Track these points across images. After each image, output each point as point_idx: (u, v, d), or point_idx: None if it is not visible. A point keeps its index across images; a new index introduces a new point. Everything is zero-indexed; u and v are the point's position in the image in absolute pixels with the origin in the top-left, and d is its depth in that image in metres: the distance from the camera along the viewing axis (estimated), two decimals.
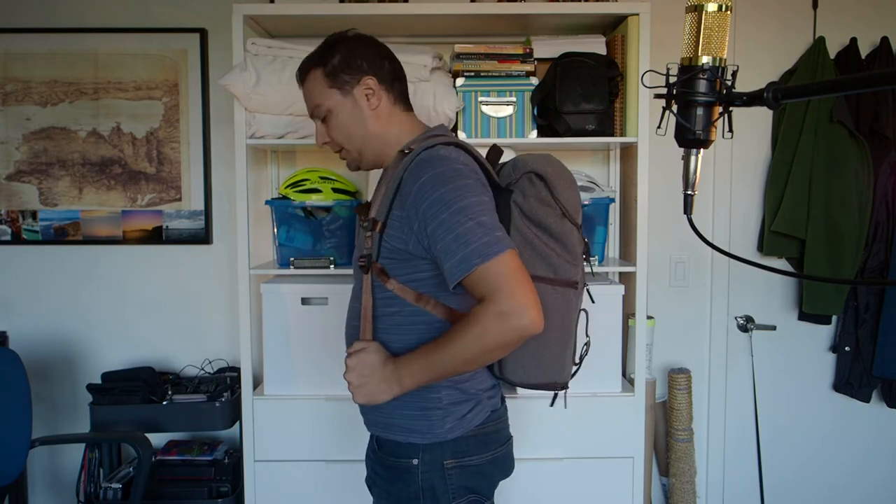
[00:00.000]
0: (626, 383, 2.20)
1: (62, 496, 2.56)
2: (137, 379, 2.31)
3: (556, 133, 2.12)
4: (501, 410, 1.42)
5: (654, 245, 2.46)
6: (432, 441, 1.30)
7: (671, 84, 0.97)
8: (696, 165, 1.00)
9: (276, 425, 2.10)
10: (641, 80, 1.99)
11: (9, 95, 2.46)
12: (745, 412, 2.56)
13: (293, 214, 2.18)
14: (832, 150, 2.36)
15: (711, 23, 0.93)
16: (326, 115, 1.39)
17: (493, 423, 1.37)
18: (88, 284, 2.52)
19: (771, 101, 0.88)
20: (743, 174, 2.53)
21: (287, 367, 2.11)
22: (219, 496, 2.26)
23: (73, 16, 2.45)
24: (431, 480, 1.30)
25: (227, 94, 2.23)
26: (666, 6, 2.23)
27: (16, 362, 2.04)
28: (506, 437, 1.43)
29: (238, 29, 2.05)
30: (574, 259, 1.36)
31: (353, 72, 1.35)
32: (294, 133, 2.11)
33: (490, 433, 1.36)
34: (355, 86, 1.35)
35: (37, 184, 2.49)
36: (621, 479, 2.11)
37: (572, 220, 1.34)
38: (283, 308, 2.10)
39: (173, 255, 2.52)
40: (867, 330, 2.44)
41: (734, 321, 2.56)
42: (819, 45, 2.41)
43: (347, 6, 2.11)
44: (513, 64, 2.15)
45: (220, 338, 2.53)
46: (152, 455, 2.17)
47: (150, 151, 2.48)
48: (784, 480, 2.61)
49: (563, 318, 1.36)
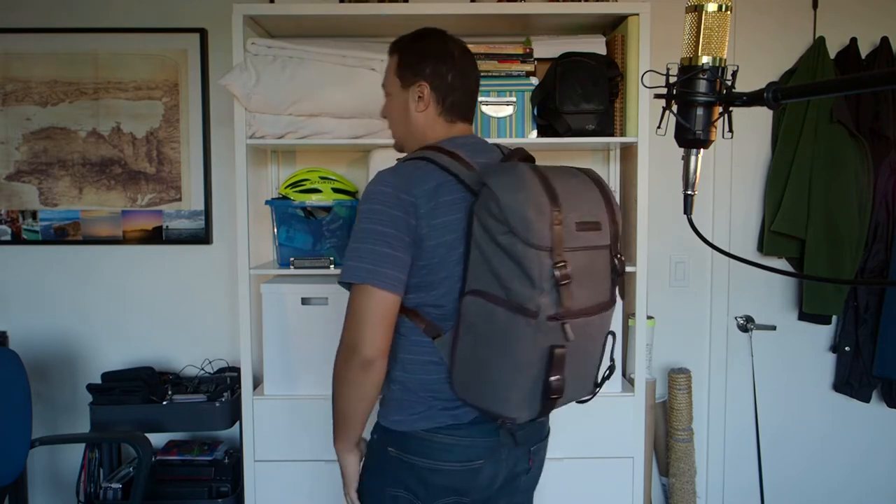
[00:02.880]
0: (626, 383, 2.20)
1: (62, 496, 2.56)
2: (137, 379, 2.31)
3: (556, 133, 2.12)
4: (470, 431, 1.35)
5: (654, 245, 2.46)
6: (385, 425, 1.38)
7: (671, 84, 0.97)
8: (696, 165, 1.00)
9: (276, 425, 2.10)
10: (641, 80, 1.99)
11: (9, 95, 2.46)
12: (745, 412, 2.57)
13: (293, 214, 2.18)
14: (832, 150, 2.36)
15: (711, 23, 0.93)
16: (387, 95, 1.49)
17: (450, 437, 1.34)
18: (88, 284, 2.52)
19: (771, 101, 0.88)
20: (743, 174, 2.53)
21: (287, 367, 2.11)
22: (219, 496, 2.26)
23: (73, 16, 2.45)
24: (377, 459, 1.39)
25: (227, 94, 2.23)
26: (666, 6, 2.23)
27: (16, 362, 2.04)
28: (465, 458, 1.35)
29: (238, 29, 2.05)
30: (532, 284, 1.21)
31: (415, 73, 1.42)
32: (294, 133, 2.11)
33: (442, 444, 1.34)
34: (411, 86, 1.43)
35: (37, 184, 2.49)
36: (621, 479, 2.11)
37: (524, 240, 1.20)
38: (283, 308, 2.10)
39: (173, 255, 2.52)
40: (867, 330, 2.44)
41: (734, 321, 2.56)
42: (819, 45, 2.41)
43: (347, 6, 2.11)
44: (513, 64, 2.16)
45: (220, 338, 2.53)
46: (152, 455, 2.17)
47: (150, 151, 2.48)
48: (784, 480, 2.62)
49: (507, 345, 1.24)
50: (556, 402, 1.30)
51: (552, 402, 1.29)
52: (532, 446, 1.43)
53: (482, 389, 1.28)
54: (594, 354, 1.35)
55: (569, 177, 1.31)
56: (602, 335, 1.36)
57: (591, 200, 1.31)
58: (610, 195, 1.34)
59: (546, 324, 1.23)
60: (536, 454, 1.46)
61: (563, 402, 1.34)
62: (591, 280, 1.29)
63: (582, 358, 1.32)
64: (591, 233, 1.28)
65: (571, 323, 1.25)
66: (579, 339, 1.27)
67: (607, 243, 1.31)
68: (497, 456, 1.37)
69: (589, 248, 1.28)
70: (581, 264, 1.26)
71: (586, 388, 1.37)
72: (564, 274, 1.22)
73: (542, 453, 1.49)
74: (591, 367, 1.36)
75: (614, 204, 1.34)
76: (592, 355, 1.35)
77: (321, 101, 2.06)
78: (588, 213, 1.28)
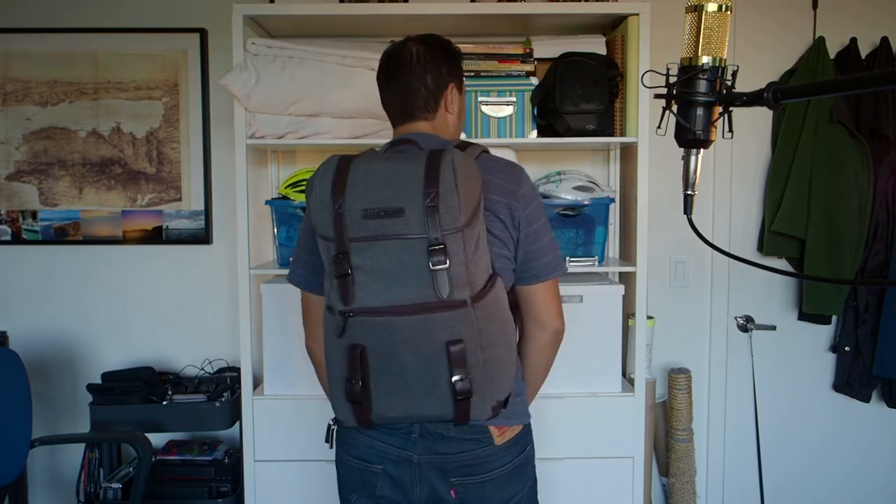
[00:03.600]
0: (626, 383, 2.20)
1: (62, 496, 2.56)
2: (137, 379, 2.31)
3: (556, 133, 2.12)
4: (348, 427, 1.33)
5: (654, 245, 2.46)
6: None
7: (671, 84, 0.97)
8: (696, 165, 1.00)
9: (276, 425, 2.10)
10: (641, 80, 1.99)
11: (9, 95, 2.46)
12: (745, 412, 2.57)
13: (293, 214, 2.18)
14: (832, 150, 2.36)
15: (711, 23, 0.93)
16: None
17: (341, 426, 1.35)
18: (88, 284, 2.52)
19: (771, 101, 0.88)
20: (743, 174, 2.53)
21: (287, 367, 2.11)
22: (219, 496, 2.26)
23: (73, 16, 2.45)
24: None
25: (227, 94, 2.23)
26: (666, 6, 2.23)
27: (16, 362, 2.04)
28: (358, 456, 1.35)
29: (238, 29, 2.05)
30: (328, 276, 1.20)
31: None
32: (294, 133, 2.11)
33: (339, 431, 1.38)
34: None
35: (37, 184, 2.49)
36: (621, 479, 2.11)
37: (317, 230, 1.21)
38: (283, 308, 2.10)
39: (173, 255, 2.52)
40: (867, 330, 2.44)
41: (734, 321, 2.56)
42: (819, 45, 2.41)
43: (347, 6, 2.11)
44: (513, 64, 2.16)
45: (220, 338, 2.53)
46: (152, 455, 2.17)
47: (150, 151, 2.48)
48: (784, 480, 2.61)
49: (325, 340, 1.24)
50: (364, 411, 1.21)
51: (360, 409, 1.21)
52: (452, 477, 1.32)
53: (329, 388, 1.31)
54: (416, 364, 1.19)
55: (383, 161, 1.22)
56: (427, 341, 1.17)
57: (397, 185, 1.16)
58: (442, 178, 1.15)
59: (338, 319, 1.18)
60: (463, 487, 1.32)
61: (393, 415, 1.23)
62: (394, 276, 1.17)
63: (393, 365, 1.19)
64: (386, 220, 1.15)
65: (363, 321, 1.17)
66: (383, 343, 1.17)
67: (415, 233, 1.15)
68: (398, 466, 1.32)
69: (382, 238, 1.16)
70: (377, 257, 1.16)
71: (430, 405, 1.21)
72: (342, 266, 1.16)
73: (473, 490, 1.32)
74: (420, 379, 1.19)
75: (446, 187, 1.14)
76: (413, 366, 1.19)
77: (321, 101, 2.06)
78: (385, 198, 1.15)
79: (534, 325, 1.41)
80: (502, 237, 1.33)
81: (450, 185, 1.14)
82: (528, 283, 1.38)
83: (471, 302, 1.17)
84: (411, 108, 1.39)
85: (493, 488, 1.34)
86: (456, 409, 1.21)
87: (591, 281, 2.16)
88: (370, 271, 1.17)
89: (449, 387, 1.19)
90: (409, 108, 1.39)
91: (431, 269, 1.15)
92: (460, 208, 1.15)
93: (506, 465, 1.35)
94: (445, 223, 1.14)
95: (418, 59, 1.37)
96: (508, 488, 1.36)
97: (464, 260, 1.16)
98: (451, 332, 1.17)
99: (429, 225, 1.14)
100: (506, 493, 1.35)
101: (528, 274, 1.37)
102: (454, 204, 1.14)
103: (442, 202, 1.14)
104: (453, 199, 1.14)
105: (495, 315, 1.24)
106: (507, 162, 1.39)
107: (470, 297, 1.17)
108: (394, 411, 1.22)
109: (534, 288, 1.38)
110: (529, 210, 1.35)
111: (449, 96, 1.41)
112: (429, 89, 1.38)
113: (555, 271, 1.39)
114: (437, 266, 1.15)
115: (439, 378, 1.19)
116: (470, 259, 1.18)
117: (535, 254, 1.36)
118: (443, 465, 1.31)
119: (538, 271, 1.37)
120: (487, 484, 1.33)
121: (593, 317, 2.09)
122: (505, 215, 1.32)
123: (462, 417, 1.22)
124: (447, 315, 1.17)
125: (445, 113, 1.42)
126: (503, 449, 1.34)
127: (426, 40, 1.41)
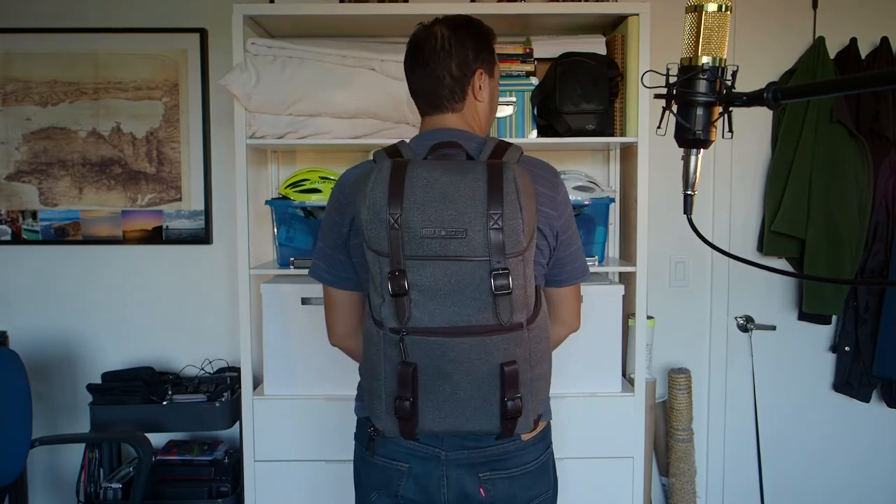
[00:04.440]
0: (626, 383, 2.20)
1: (62, 496, 2.56)
2: (137, 379, 2.31)
3: (556, 133, 2.12)
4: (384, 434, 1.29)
5: (654, 245, 2.46)
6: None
7: (671, 84, 0.97)
8: (696, 165, 1.00)
9: (276, 425, 2.10)
10: (641, 80, 1.99)
11: (9, 95, 2.46)
12: (745, 412, 2.57)
13: (293, 214, 2.18)
14: (832, 150, 2.36)
15: (711, 23, 0.93)
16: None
17: (371, 430, 1.33)
18: (88, 284, 2.52)
19: (771, 101, 0.88)
20: (743, 174, 2.53)
21: (287, 367, 2.11)
22: (219, 496, 2.26)
23: (73, 16, 2.45)
24: None
25: (227, 94, 2.23)
26: (666, 6, 2.23)
27: (16, 362, 2.04)
28: (385, 454, 1.34)
29: (238, 29, 2.05)
30: (378, 291, 1.16)
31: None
32: (294, 133, 2.11)
33: (366, 434, 1.36)
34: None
35: (37, 184, 2.49)
36: (621, 479, 2.11)
37: (367, 242, 1.15)
38: (283, 308, 2.10)
39: (173, 255, 2.52)
40: (867, 330, 2.44)
41: (734, 321, 2.56)
42: (819, 45, 2.41)
43: (347, 6, 2.11)
44: (513, 64, 2.16)
45: (220, 338, 2.53)
46: (152, 455, 2.17)
47: (150, 151, 2.48)
48: (784, 480, 2.62)
49: (368, 352, 1.23)
50: (411, 426, 1.19)
51: (407, 424, 1.19)
52: (481, 472, 1.32)
53: (365, 394, 1.30)
54: (469, 385, 1.17)
55: (440, 172, 1.14)
56: (483, 363, 1.15)
57: (458, 202, 1.11)
58: (507, 199, 1.11)
59: (391, 336, 1.16)
60: (492, 483, 1.32)
61: (439, 429, 1.21)
62: (452, 297, 1.14)
63: (445, 384, 1.17)
64: (449, 241, 1.11)
65: (418, 341, 1.15)
66: (436, 362, 1.15)
67: (477, 256, 1.12)
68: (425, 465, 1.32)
69: (443, 259, 1.12)
70: (435, 276, 1.13)
71: (476, 420, 1.20)
72: (400, 284, 1.12)
73: (502, 486, 1.33)
74: (471, 398, 1.18)
75: (511, 210, 1.11)
76: (466, 385, 1.17)
77: (321, 101, 2.06)
78: (448, 218, 1.11)
79: (555, 323, 1.41)
80: (541, 247, 1.31)
81: (514, 206, 1.11)
82: (557, 286, 1.39)
83: (526, 325, 1.17)
84: (437, 97, 1.34)
85: (521, 486, 1.34)
86: (503, 425, 1.20)
87: (591, 281, 2.16)
88: (427, 290, 1.14)
89: (500, 406, 1.18)
90: (434, 97, 1.34)
91: (494, 293, 1.13)
92: (523, 231, 1.12)
93: (532, 462, 1.35)
94: (509, 247, 1.12)
95: (443, 44, 1.31)
96: (536, 486, 1.36)
97: (523, 283, 1.16)
98: (506, 354, 1.16)
99: (492, 248, 1.11)
100: (532, 490, 1.36)
101: (558, 277, 1.38)
102: (518, 228, 1.11)
103: (506, 224, 1.11)
104: (517, 223, 1.11)
105: (543, 334, 1.24)
106: (544, 164, 1.35)
107: (525, 320, 1.18)
108: (440, 426, 1.21)
109: (561, 290, 1.40)
110: (565, 218, 1.35)
111: (477, 83, 1.35)
112: (454, 77, 1.32)
113: (583, 276, 1.41)
114: (501, 292, 1.13)
115: (491, 398, 1.18)
116: (528, 281, 1.18)
117: (567, 259, 1.37)
118: (471, 460, 1.31)
119: (568, 276, 1.39)
120: (517, 480, 1.33)
121: (593, 317, 2.09)
122: (545, 226, 1.30)
123: (508, 433, 1.22)
124: (504, 338, 1.15)
125: (475, 101, 1.36)
126: (529, 444, 1.35)
127: (453, 23, 1.35)
